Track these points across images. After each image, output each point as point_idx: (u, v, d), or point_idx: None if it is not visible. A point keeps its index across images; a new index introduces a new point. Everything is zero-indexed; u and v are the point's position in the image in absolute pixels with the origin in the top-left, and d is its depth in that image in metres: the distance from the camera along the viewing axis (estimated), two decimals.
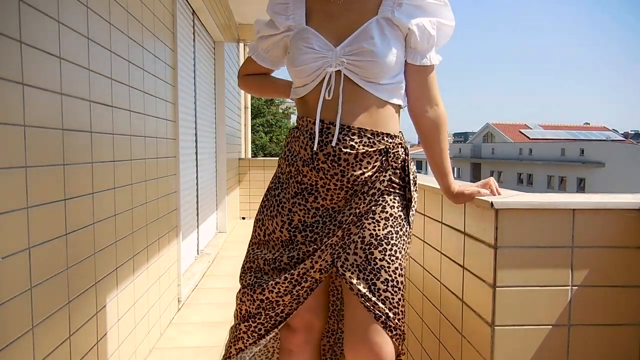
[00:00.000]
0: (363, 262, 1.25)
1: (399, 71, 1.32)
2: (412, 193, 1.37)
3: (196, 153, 4.25)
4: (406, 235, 1.34)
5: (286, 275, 1.31)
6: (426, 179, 2.10)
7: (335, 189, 1.28)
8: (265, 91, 1.64)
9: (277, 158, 1.69)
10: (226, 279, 3.88)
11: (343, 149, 1.26)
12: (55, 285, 1.43)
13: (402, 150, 1.36)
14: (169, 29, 2.91)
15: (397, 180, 1.34)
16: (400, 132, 1.38)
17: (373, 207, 1.29)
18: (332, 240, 1.28)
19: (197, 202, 4.33)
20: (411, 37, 1.30)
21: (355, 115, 1.27)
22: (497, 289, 1.32)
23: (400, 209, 1.33)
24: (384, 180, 1.31)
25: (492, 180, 1.41)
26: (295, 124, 1.38)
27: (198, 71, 4.34)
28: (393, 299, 1.25)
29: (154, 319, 2.54)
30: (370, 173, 1.28)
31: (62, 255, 1.48)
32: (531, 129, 42.22)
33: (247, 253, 1.43)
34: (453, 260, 1.62)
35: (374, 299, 1.23)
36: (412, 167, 1.40)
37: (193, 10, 4.09)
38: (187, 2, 3.83)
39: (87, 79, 1.66)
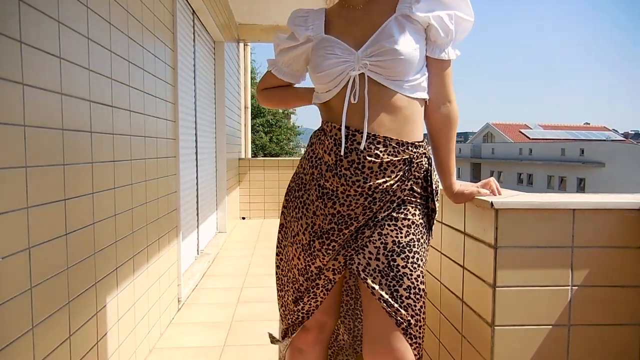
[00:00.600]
0: (385, 269, 1.25)
1: (422, 66, 1.31)
2: (435, 203, 1.36)
3: (196, 153, 4.25)
4: (427, 244, 1.34)
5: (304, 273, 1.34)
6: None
7: (355, 195, 1.27)
8: (288, 101, 1.58)
9: (277, 158, 1.69)
10: (226, 279, 3.88)
11: (368, 157, 1.25)
12: (55, 285, 1.43)
13: (426, 160, 1.34)
14: (169, 29, 2.91)
15: (418, 190, 1.33)
16: (424, 140, 1.37)
17: (394, 214, 1.28)
18: (345, 244, 1.30)
19: (197, 202, 4.33)
20: (431, 30, 1.29)
21: (382, 121, 1.26)
22: (497, 289, 1.32)
23: (421, 216, 1.32)
24: (404, 189, 1.30)
25: (493, 180, 1.41)
26: (321, 127, 1.36)
27: (198, 71, 4.34)
28: (415, 306, 1.25)
29: (154, 319, 2.54)
30: (392, 182, 1.27)
31: (62, 255, 1.48)
32: (531, 129, 42.22)
33: (276, 262, 1.46)
34: (453, 260, 1.62)
35: (396, 305, 1.23)
36: (435, 176, 1.38)
37: (193, 10, 4.09)
38: (187, 2, 3.83)
39: (87, 79, 1.66)
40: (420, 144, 1.33)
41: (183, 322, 2.93)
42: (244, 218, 6.87)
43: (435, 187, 1.37)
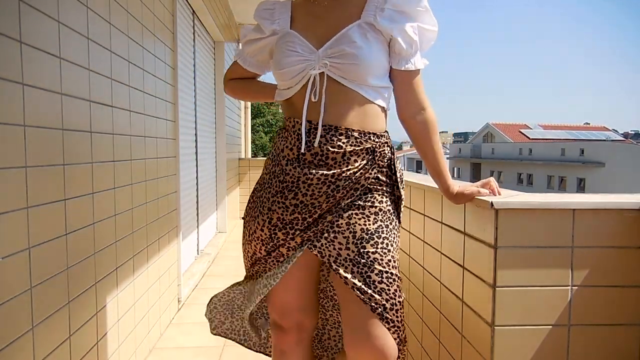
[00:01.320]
0: (356, 257, 1.26)
1: (383, 74, 1.34)
2: (401, 191, 1.39)
3: (196, 153, 4.25)
4: (396, 229, 1.36)
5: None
6: (426, 179, 2.10)
7: (318, 184, 1.27)
8: (251, 94, 1.60)
9: None
10: (226, 279, 3.88)
11: (331, 149, 1.27)
12: (55, 285, 1.43)
13: (389, 149, 1.38)
14: (169, 29, 2.91)
15: (384, 179, 1.35)
16: (386, 131, 1.40)
17: (361, 203, 1.30)
18: (324, 235, 1.30)
19: (197, 202, 4.33)
20: (395, 43, 1.31)
21: (343, 115, 1.29)
22: (497, 289, 1.32)
23: (388, 204, 1.35)
24: (369, 178, 1.32)
25: (493, 180, 1.41)
26: (284, 124, 1.39)
27: (198, 71, 4.34)
28: (389, 290, 1.26)
29: (154, 319, 2.54)
30: (355, 170, 1.29)
31: (62, 255, 1.48)
32: (531, 129, 42.21)
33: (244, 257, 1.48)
34: (453, 260, 1.62)
35: (369, 291, 1.24)
36: (399, 165, 1.42)
37: (193, 10, 4.09)
38: (187, 2, 3.83)
39: (87, 79, 1.66)
40: (383, 134, 1.36)
41: (183, 322, 2.93)
42: (244, 218, 6.86)
43: (400, 175, 1.40)
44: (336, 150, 1.27)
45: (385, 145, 1.36)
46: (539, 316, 1.33)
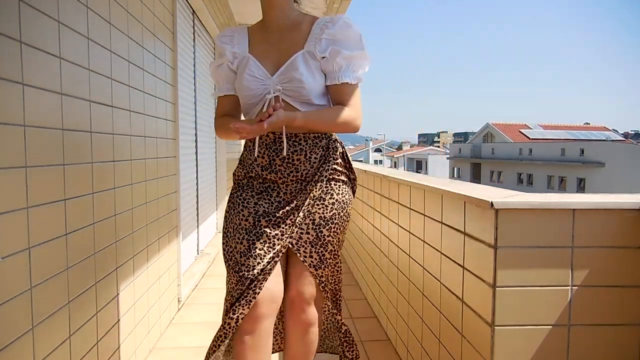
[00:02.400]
0: (315, 239, 1.56)
1: (323, 95, 1.59)
2: (354, 173, 1.69)
3: (196, 153, 4.25)
4: (346, 215, 1.64)
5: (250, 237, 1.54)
6: (426, 179, 2.10)
7: (292, 183, 1.57)
8: (229, 130, 1.59)
9: None
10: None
11: (295, 153, 1.55)
12: (55, 285, 1.43)
13: (339, 144, 1.65)
14: (169, 29, 2.91)
15: (339, 168, 1.62)
16: (332, 134, 1.64)
17: (323, 195, 1.58)
18: (295, 221, 1.54)
19: (197, 202, 4.33)
20: (326, 65, 1.55)
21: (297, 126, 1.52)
22: (497, 289, 1.32)
23: (343, 194, 1.62)
24: (328, 169, 1.59)
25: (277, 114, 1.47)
26: (250, 139, 1.60)
27: (198, 71, 4.34)
28: (332, 262, 1.61)
29: (154, 319, 2.54)
30: (317, 164, 1.57)
31: (62, 255, 1.48)
32: (531, 129, 42.20)
33: (224, 255, 1.61)
34: (453, 260, 1.62)
35: (322, 266, 1.57)
36: (348, 155, 1.68)
37: (193, 10, 4.09)
38: (187, 2, 3.83)
39: (87, 79, 1.66)
40: (329, 135, 1.62)
41: (183, 322, 2.93)
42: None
43: (351, 162, 1.68)
44: (299, 153, 1.55)
45: (336, 141, 1.64)
46: (539, 316, 1.33)
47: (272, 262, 1.51)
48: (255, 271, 1.48)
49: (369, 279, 3.20)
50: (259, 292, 1.48)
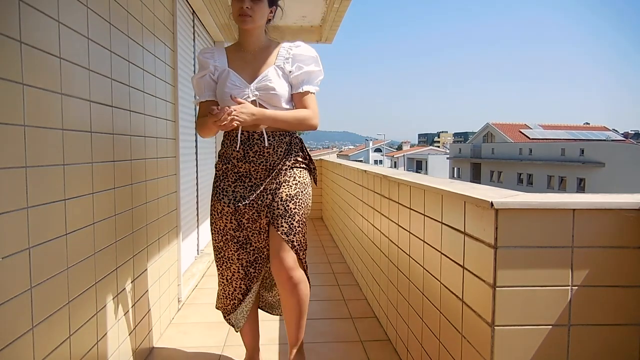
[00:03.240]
0: (283, 212, 1.96)
1: (289, 100, 2.02)
2: (313, 164, 2.11)
3: (196, 153, 4.25)
4: (308, 193, 2.05)
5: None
6: (426, 179, 2.10)
7: (262, 171, 1.98)
8: (210, 126, 1.94)
9: None
10: None
11: (265, 147, 1.96)
12: (55, 285, 1.43)
13: (298, 140, 2.07)
14: (169, 29, 2.91)
15: (300, 159, 2.05)
16: (295, 132, 2.07)
17: (287, 178, 1.99)
18: (266, 202, 1.97)
19: (197, 202, 4.33)
20: (292, 77, 2.00)
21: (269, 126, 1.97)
22: (497, 289, 1.32)
23: (305, 177, 2.05)
24: (290, 159, 2.01)
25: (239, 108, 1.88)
26: (227, 136, 2.01)
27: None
28: (302, 231, 1.99)
29: (154, 319, 2.54)
30: (282, 156, 1.99)
31: (62, 255, 1.48)
32: (531, 129, 42.18)
33: (212, 237, 2.08)
34: (453, 260, 1.62)
35: (292, 233, 1.95)
36: (306, 147, 2.10)
37: (193, 11, 4.09)
38: (187, 2, 3.83)
39: (87, 79, 1.66)
40: (294, 133, 2.06)
41: (183, 322, 2.93)
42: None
43: (309, 156, 2.10)
44: (268, 147, 1.96)
45: (296, 138, 2.06)
46: (539, 316, 1.33)
47: (254, 230, 2.00)
48: (243, 237, 2.02)
49: (369, 279, 3.20)
50: (248, 248, 2.03)
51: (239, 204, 1.96)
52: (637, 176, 24.85)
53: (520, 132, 40.95)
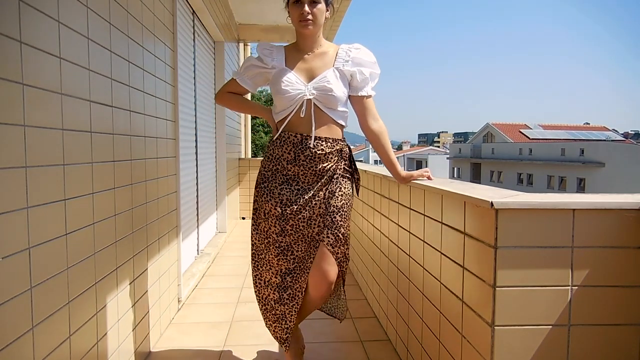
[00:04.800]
0: (330, 223, 1.97)
1: (345, 102, 2.03)
2: (358, 173, 2.11)
3: (196, 153, 4.25)
4: (351, 205, 2.05)
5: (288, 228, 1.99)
6: (426, 179, 2.10)
7: (310, 176, 1.97)
8: (242, 108, 2.28)
9: None
10: (226, 279, 3.88)
11: (317, 152, 1.95)
12: (55, 285, 1.43)
13: (348, 148, 2.08)
14: (169, 29, 2.91)
15: (347, 168, 2.06)
16: (344, 137, 2.08)
17: (334, 189, 1.98)
18: (317, 211, 1.97)
19: (197, 202, 4.33)
20: (352, 80, 2.01)
21: (322, 130, 1.97)
22: (497, 289, 1.32)
23: (349, 188, 2.04)
24: (340, 168, 2.02)
25: (429, 170, 2.08)
26: (279, 136, 2.00)
27: (198, 71, 4.34)
28: (345, 242, 1.99)
29: (154, 319, 2.54)
30: (332, 164, 1.99)
31: (62, 255, 1.48)
32: (531, 129, 42.17)
33: (253, 238, 2.09)
34: (453, 260, 1.62)
35: (338, 244, 1.96)
36: (353, 158, 2.11)
37: (193, 10, 4.09)
38: (187, 2, 3.83)
39: (87, 79, 1.66)
40: (343, 139, 2.06)
41: (183, 322, 2.93)
42: (244, 218, 6.87)
43: (355, 165, 2.10)
44: (320, 152, 1.96)
45: (346, 146, 2.07)
46: (539, 316, 1.33)
47: (299, 238, 1.99)
48: (285, 243, 2.00)
49: (369, 279, 3.19)
50: (289, 256, 2.01)
51: (286, 208, 1.95)
52: (637, 176, 24.85)
53: (520, 132, 40.94)
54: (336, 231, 1.95)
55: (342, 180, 2.00)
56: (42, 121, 1.36)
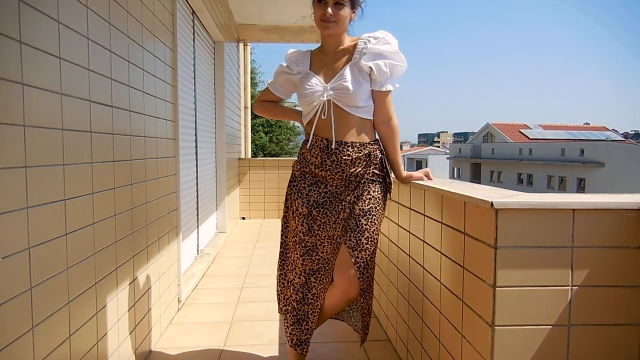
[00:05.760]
0: (354, 226, 1.91)
1: (368, 97, 1.95)
2: (390, 178, 2.05)
3: (196, 153, 4.25)
4: (382, 209, 1.99)
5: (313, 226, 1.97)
6: (426, 179, 2.10)
7: (338, 180, 1.95)
8: (277, 114, 2.31)
9: (277, 158, 2.53)
10: (226, 279, 3.89)
11: (343, 157, 1.93)
12: (55, 285, 1.43)
13: (379, 151, 2.01)
14: (169, 29, 2.91)
15: (377, 172, 1.98)
16: (376, 139, 2.04)
17: (363, 193, 1.93)
18: (342, 215, 1.93)
19: (197, 202, 4.33)
20: (372, 73, 1.92)
21: (347, 133, 1.94)
22: (497, 289, 1.32)
23: (379, 192, 1.97)
24: (369, 172, 1.96)
25: (429, 170, 2.08)
26: (307, 140, 2.01)
27: (198, 71, 4.34)
28: (369, 249, 1.92)
29: (154, 319, 2.54)
30: (360, 169, 1.95)
31: (62, 255, 1.48)
32: (531, 129, 42.17)
33: (282, 236, 2.12)
34: (453, 260, 1.62)
35: (358, 249, 1.89)
36: (386, 161, 2.05)
37: (193, 11, 4.09)
38: (187, 2, 3.83)
39: (87, 79, 1.66)
40: (374, 142, 2.01)
41: (183, 322, 2.93)
42: (244, 218, 6.87)
43: (388, 168, 2.05)
44: (346, 158, 1.93)
45: (377, 149, 2.00)
46: (539, 316, 1.33)
47: (325, 238, 1.96)
48: (311, 244, 1.98)
49: None
50: (314, 256, 1.98)
51: (313, 209, 1.94)
52: (637, 176, 24.86)
53: (520, 132, 40.94)
54: (359, 235, 1.89)
55: (371, 185, 1.95)
56: (42, 121, 1.36)
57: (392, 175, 2.11)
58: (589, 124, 48.76)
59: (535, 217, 1.31)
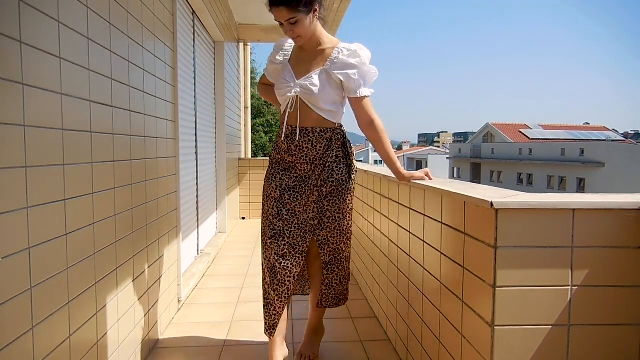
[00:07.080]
0: (320, 208, 2.12)
1: (332, 102, 2.09)
2: (352, 160, 2.19)
3: (196, 153, 4.25)
4: (345, 189, 2.15)
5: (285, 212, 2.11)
6: (426, 179, 2.10)
7: (303, 164, 2.11)
8: (274, 101, 2.35)
9: None
10: (226, 279, 3.88)
11: (304, 142, 2.09)
12: (55, 285, 1.43)
13: (341, 135, 2.16)
14: (169, 29, 2.91)
15: (340, 154, 2.14)
16: (339, 124, 2.16)
17: (326, 175, 2.10)
18: (312, 198, 2.11)
19: (197, 202, 4.33)
20: (344, 83, 2.06)
21: (309, 121, 2.10)
22: (497, 289, 1.32)
23: (343, 174, 2.14)
24: (332, 155, 2.12)
25: (429, 170, 2.11)
26: (281, 129, 2.16)
27: (198, 71, 4.34)
28: (330, 226, 2.16)
29: (154, 319, 2.54)
30: (321, 152, 2.11)
31: (62, 255, 1.48)
32: (531, 129, 42.16)
33: (262, 221, 2.18)
34: (453, 260, 1.62)
35: (320, 226, 2.13)
36: (349, 144, 2.20)
37: (193, 10, 4.09)
38: (187, 2, 3.83)
39: (87, 79, 1.66)
40: (335, 127, 2.14)
41: (183, 322, 2.93)
42: (244, 218, 6.87)
43: (351, 151, 2.19)
44: (307, 142, 2.09)
45: (338, 134, 2.14)
46: (539, 316, 1.33)
47: (293, 223, 2.10)
48: (279, 227, 2.08)
49: (369, 279, 3.20)
50: (280, 241, 2.08)
51: (285, 193, 2.10)
52: (637, 176, 24.85)
53: (520, 132, 40.93)
54: (320, 215, 2.12)
55: (335, 167, 2.11)
56: (42, 121, 1.36)
57: (390, 171, 2.22)
58: (589, 124, 48.76)
59: (535, 217, 1.31)
